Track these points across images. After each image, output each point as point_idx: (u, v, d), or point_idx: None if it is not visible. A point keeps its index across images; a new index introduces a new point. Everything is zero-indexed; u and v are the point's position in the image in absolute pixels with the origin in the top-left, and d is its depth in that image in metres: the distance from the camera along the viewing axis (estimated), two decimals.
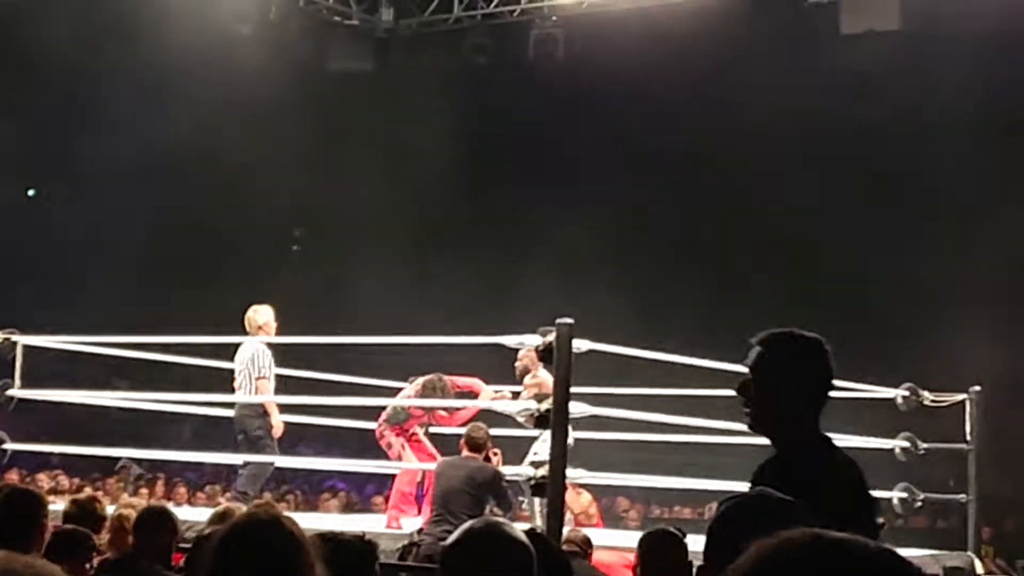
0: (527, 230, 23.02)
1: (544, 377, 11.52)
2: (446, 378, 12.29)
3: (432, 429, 12.74)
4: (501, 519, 5.51)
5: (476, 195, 23.45)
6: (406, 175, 23.07)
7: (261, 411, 12.38)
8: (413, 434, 12.39)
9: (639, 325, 17.50)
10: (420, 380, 12.34)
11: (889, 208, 21.89)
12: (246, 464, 12.51)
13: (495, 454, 11.36)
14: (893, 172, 21.99)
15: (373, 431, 12.59)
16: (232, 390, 12.58)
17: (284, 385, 13.26)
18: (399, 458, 12.28)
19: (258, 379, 12.37)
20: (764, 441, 4.63)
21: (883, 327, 21.41)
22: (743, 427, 4.66)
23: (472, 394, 12.36)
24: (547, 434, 11.84)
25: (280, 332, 12.77)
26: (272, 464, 12.79)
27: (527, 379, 12.21)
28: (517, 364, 12.29)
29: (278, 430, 12.42)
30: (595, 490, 14.13)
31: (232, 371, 12.59)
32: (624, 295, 20.40)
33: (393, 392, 12.99)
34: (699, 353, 11.62)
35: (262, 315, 12.63)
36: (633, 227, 23.59)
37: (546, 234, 22.19)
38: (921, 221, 21.79)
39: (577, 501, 13.23)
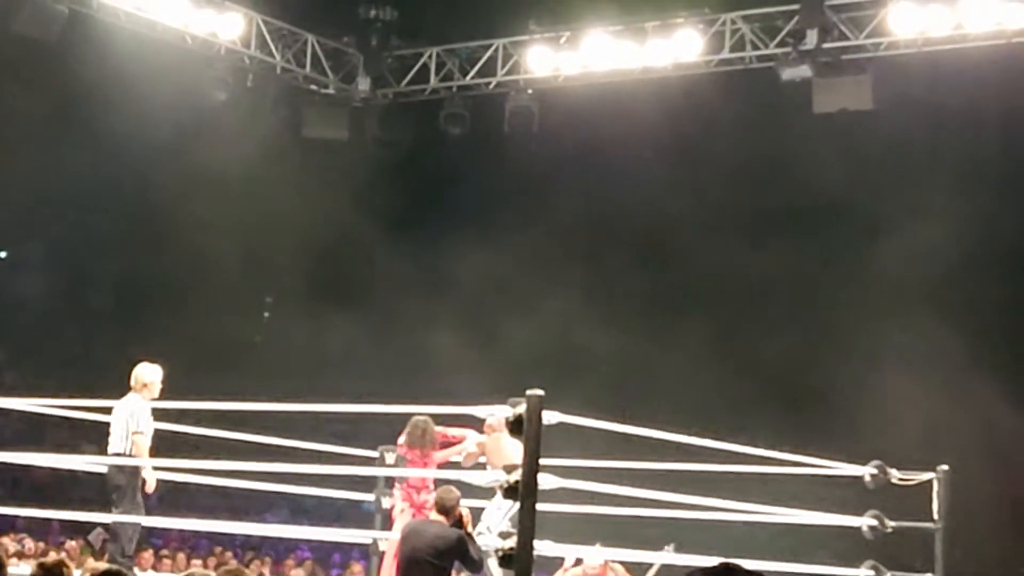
0: (499, 299, 23.04)
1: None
2: (433, 425, 12.41)
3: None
4: None
5: (448, 263, 23.46)
6: (379, 242, 23.11)
7: (131, 469, 12.26)
8: (425, 501, 12.41)
9: (609, 399, 17.52)
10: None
11: (856, 285, 22.00)
12: (114, 524, 12.38)
13: (462, 514, 11.33)
14: (861, 248, 22.09)
15: (339, 500, 12.62)
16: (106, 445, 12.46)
17: (254, 451, 13.20)
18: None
19: (135, 434, 12.26)
20: (732, 516, 4.65)
21: (850, 403, 21.45)
22: (711, 502, 4.68)
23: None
24: (499, 502, 11.93)
25: (252, 398, 12.69)
26: (139, 523, 12.60)
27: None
28: (486, 431, 12.46)
29: (151, 487, 12.32)
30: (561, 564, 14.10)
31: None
32: (594, 368, 20.43)
33: (366, 460, 12.99)
34: (668, 428, 11.64)
35: (150, 373, 12.54)
36: (604, 299, 23.64)
37: (518, 304, 22.23)
38: (892, 300, 21.88)
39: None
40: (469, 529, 11.26)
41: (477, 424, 12.33)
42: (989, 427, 20.33)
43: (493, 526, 12.18)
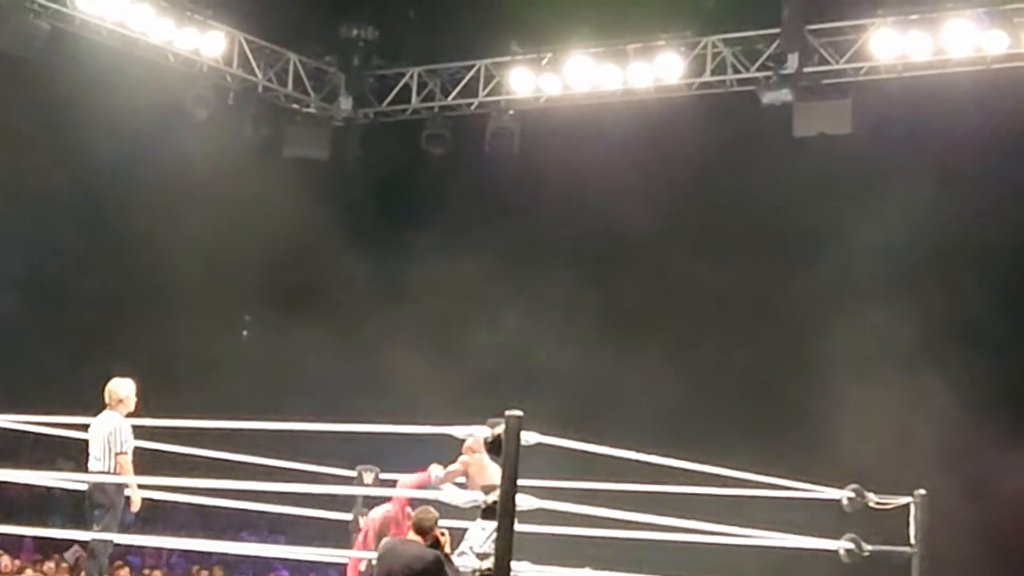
0: (481, 319, 23.03)
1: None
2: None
3: None
4: None
5: (428, 283, 23.44)
6: (359, 262, 23.11)
7: (114, 488, 12.23)
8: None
9: (589, 419, 17.50)
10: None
11: (836, 309, 22.01)
12: (92, 540, 12.35)
13: (443, 534, 11.33)
14: (839, 271, 22.11)
15: (315, 518, 12.61)
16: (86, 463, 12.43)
17: (228, 470, 13.15)
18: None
19: (119, 455, 12.24)
20: (710, 538, 4.66)
21: (831, 427, 21.46)
22: (687, 524, 4.68)
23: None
24: (482, 523, 11.94)
25: (228, 416, 12.67)
26: (111, 542, 12.56)
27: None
28: (465, 454, 12.45)
29: (136, 505, 12.29)
30: None
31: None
32: (573, 388, 20.43)
33: (340, 479, 12.97)
34: (650, 450, 11.63)
35: (124, 388, 12.50)
36: (584, 320, 23.64)
37: (496, 324, 22.23)
38: (868, 323, 21.90)
39: None
40: (447, 550, 11.25)
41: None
42: (966, 451, 20.37)
43: (476, 546, 12.17)
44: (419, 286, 23.15)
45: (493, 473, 11.64)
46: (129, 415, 12.53)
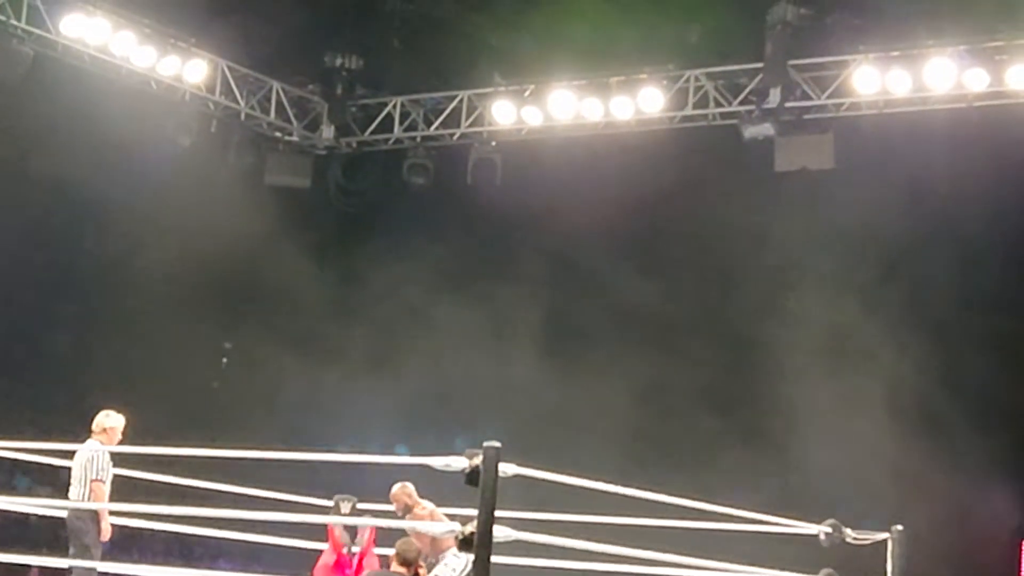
0: (462, 350, 23.02)
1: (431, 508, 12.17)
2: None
3: None
4: None
5: (409, 313, 23.44)
6: (340, 290, 23.10)
7: (92, 515, 12.22)
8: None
9: (566, 451, 17.48)
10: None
11: (817, 344, 22.05)
12: (71, 569, 12.32)
13: (422, 566, 11.33)
14: (821, 304, 22.14)
15: (294, 548, 12.60)
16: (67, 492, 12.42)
17: (209, 497, 13.13)
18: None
19: (94, 481, 12.23)
20: (688, 572, 4.65)
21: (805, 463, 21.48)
22: (664, 557, 4.68)
23: None
24: (452, 554, 11.96)
25: (209, 444, 12.62)
26: (95, 570, 12.54)
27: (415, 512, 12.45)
28: (395, 505, 12.51)
29: (106, 534, 12.26)
30: None
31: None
32: (552, 420, 20.41)
33: (321, 509, 12.97)
34: (626, 482, 11.62)
35: (111, 420, 12.50)
36: (565, 350, 23.63)
37: (477, 355, 22.21)
38: (855, 358, 21.93)
39: None
40: None
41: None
42: (942, 485, 20.40)
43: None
44: (399, 315, 23.14)
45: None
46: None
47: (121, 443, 12.63)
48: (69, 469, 12.56)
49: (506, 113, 21.92)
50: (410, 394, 22.03)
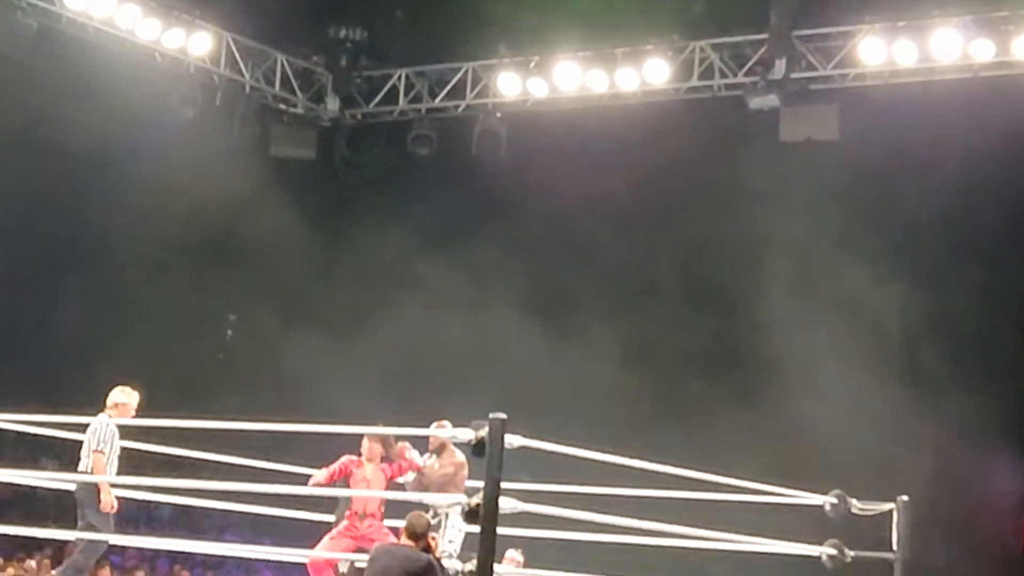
0: (466, 319, 23.05)
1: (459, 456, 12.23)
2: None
3: None
4: None
5: (414, 284, 23.45)
6: (345, 260, 23.12)
7: (93, 486, 12.26)
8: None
9: (573, 422, 17.51)
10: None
11: (824, 313, 22.06)
12: (79, 540, 12.38)
13: (433, 539, 11.36)
14: (826, 274, 22.12)
15: (302, 520, 12.65)
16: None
17: (216, 469, 13.16)
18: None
19: (95, 452, 12.27)
20: (693, 543, 4.67)
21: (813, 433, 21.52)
22: (669, 528, 4.69)
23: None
24: (455, 521, 12.03)
25: (215, 416, 12.62)
26: (105, 543, 12.61)
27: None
28: (432, 442, 12.63)
29: (107, 506, 12.30)
30: None
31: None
32: (559, 392, 20.44)
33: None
34: (638, 455, 11.64)
35: (124, 396, 12.56)
36: (570, 322, 23.65)
37: (482, 326, 22.23)
38: (861, 325, 21.93)
39: None
40: (438, 554, 11.29)
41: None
42: (946, 455, 20.44)
43: (456, 548, 12.20)
44: (404, 286, 23.17)
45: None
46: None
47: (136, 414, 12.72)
48: (79, 443, 12.63)
49: (511, 84, 21.89)
50: (416, 363, 22.06)
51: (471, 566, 9.61)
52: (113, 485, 12.34)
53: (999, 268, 21.34)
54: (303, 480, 13.27)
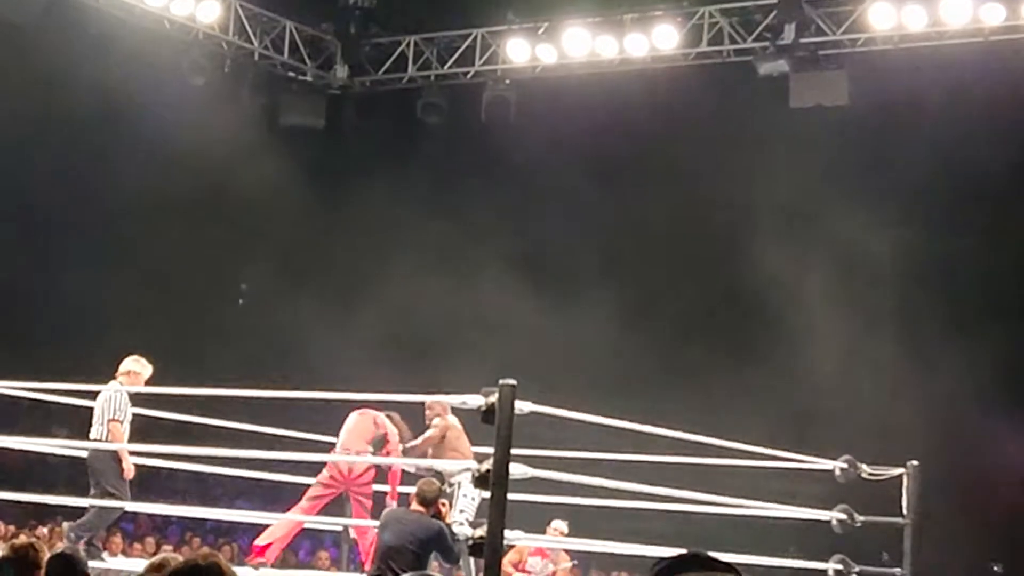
0: (476, 287, 23.07)
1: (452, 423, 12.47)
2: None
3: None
4: None
5: (423, 252, 23.46)
6: (354, 229, 23.14)
7: (112, 455, 12.33)
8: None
9: (582, 389, 17.56)
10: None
11: (830, 279, 22.05)
12: (91, 507, 12.46)
13: (443, 505, 11.42)
14: (835, 240, 22.14)
15: (311, 486, 12.78)
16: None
17: (228, 438, 13.23)
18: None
19: (111, 421, 12.34)
20: (702, 508, 4.67)
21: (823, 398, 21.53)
22: (679, 493, 4.70)
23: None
24: (467, 490, 12.08)
25: (225, 384, 12.67)
26: (121, 509, 12.72)
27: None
28: (428, 412, 12.76)
29: (129, 473, 12.37)
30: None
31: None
32: (569, 358, 20.45)
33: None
34: (640, 419, 11.67)
35: (137, 365, 12.63)
36: (580, 289, 23.66)
37: (491, 293, 22.23)
38: (858, 292, 21.93)
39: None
40: (448, 520, 11.36)
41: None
42: (957, 420, 20.45)
43: (468, 515, 12.26)
44: (414, 254, 23.19)
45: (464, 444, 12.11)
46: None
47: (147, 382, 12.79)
48: (90, 410, 12.69)
49: (520, 51, 21.85)
50: (425, 329, 22.11)
51: (481, 531, 9.66)
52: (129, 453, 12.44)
53: (1011, 230, 21.35)
54: (315, 448, 13.34)
